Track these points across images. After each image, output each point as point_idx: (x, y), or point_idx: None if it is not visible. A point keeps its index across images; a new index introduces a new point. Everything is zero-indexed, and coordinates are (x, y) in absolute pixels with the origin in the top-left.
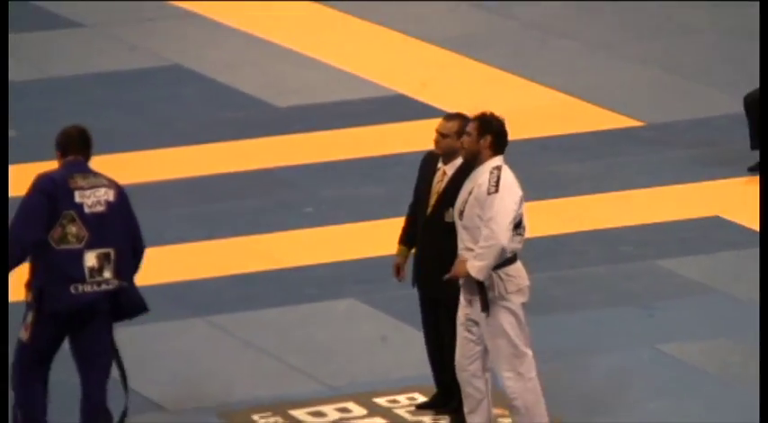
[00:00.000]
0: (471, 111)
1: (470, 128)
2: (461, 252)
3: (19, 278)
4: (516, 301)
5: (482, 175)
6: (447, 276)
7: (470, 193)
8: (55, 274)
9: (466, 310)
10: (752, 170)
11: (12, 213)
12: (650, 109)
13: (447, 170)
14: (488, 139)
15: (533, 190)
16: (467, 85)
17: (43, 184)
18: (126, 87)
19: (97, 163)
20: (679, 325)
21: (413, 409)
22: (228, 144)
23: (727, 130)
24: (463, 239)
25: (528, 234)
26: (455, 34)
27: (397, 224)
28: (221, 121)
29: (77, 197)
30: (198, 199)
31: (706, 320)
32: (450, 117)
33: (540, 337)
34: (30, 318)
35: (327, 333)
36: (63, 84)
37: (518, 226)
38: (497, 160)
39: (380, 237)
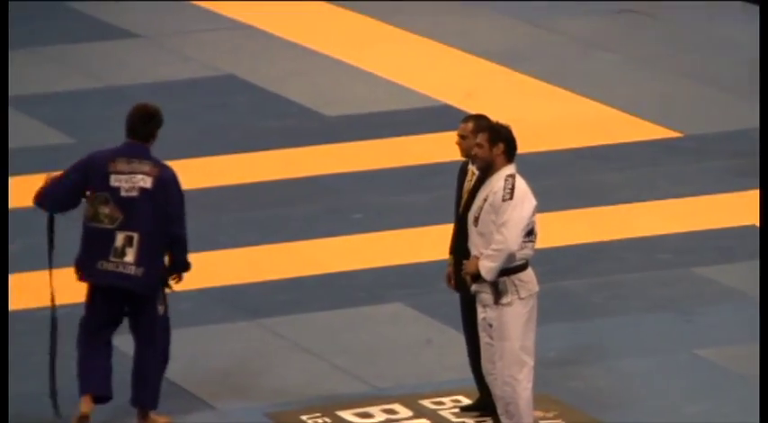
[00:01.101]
0: (514, 121)
1: (481, 139)
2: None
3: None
4: (527, 305)
5: (497, 182)
6: (462, 273)
7: (485, 199)
8: (85, 248)
9: (482, 314)
10: None
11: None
12: (689, 120)
13: (476, 170)
14: (500, 147)
15: (573, 198)
16: (510, 96)
17: (81, 162)
18: (180, 96)
19: None
20: (716, 330)
21: (457, 411)
22: (278, 152)
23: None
24: (477, 245)
25: (568, 241)
26: (499, 47)
27: (441, 231)
28: (272, 129)
29: (113, 181)
30: (249, 205)
31: (742, 326)
32: (465, 118)
33: (579, 342)
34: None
35: (374, 336)
36: (120, 93)
37: (530, 234)
38: (510, 168)
39: (425, 243)
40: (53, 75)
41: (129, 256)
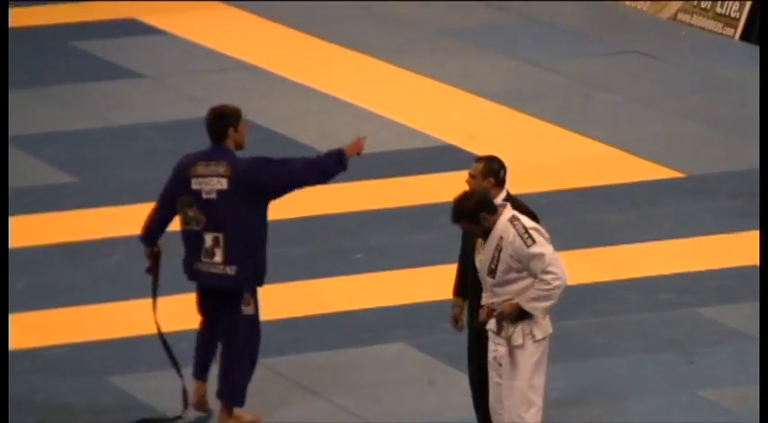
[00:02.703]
0: (516, 162)
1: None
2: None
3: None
4: (540, 347)
5: (505, 231)
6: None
7: (499, 250)
8: (185, 250)
9: (493, 352)
10: None
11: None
12: (691, 161)
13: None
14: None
15: (576, 238)
16: (513, 137)
17: (175, 166)
18: (185, 137)
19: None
20: (718, 371)
21: None
22: None
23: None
24: (498, 294)
25: (570, 281)
26: (503, 88)
27: (444, 271)
28: None
29: (194, 184)
30: None
31: (744, 367)
32: (477, 159)
33: (581, 382)
34: None
35: (377, 375)
36: (124, 132)
37: None
38: (509, 210)
39: (428, 283)
40: (57, 114)
41: (218, 256)
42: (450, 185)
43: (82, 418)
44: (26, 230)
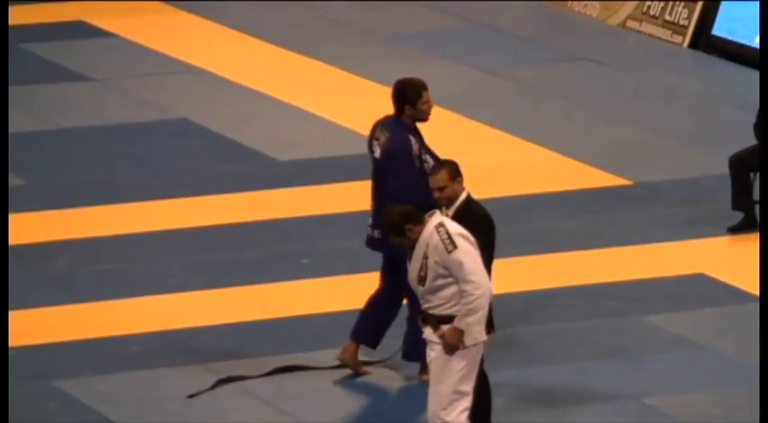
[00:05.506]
0: (465, 167)
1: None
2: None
3: None
4: (468, 354)
5: (431, 238)
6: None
7: (426, 257)
8: None
9: (429, 357)
10: (732, 231)
11: None
12: (639, 168)
13: (449, 213)
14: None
15: (523, 245)
16: (462, 143)
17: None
18: (133, 140)
19: (104, 213)
20: (664, 379)
21: None
22: (231, 196)
23: (712, 189)
24: (430, 300)
25: (517, 288)
26: (452, 93)
27: None
28: (224, 173)
29: (374, 145)
30: (200, 249)
31: (690, 375)
32: (434, 172)
33: (528, 390)
34: None
35: (322, 381)
36: (72, 135)
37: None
38: (437, 217)
39: (375, 288)
40: None
41: (371, 219)
42: None
43: None
44: None
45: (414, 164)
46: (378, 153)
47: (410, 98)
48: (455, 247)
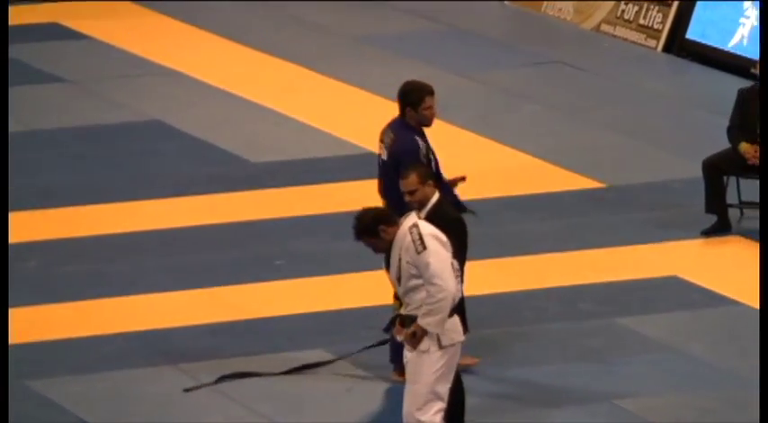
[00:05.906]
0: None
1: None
2: (409, 314)
3: None
4: (445, 355)
5: (403, 238)
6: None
7: (400, 258)
8: None
9: (405, 358)
10: (705, 234)
11: None
12: (612, 171)
13: (421, 216)
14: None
15: (497, 247)
16: (435, 145)
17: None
18: (107, 141)
19: (77, 214)
20: (636, 381)
21: None
22: (204, 198)
23: (685, 193)
24: (408, 303)
25: (490, 290)
26: None
27: (365, 278)
28: (198, 175)
29: (381, 148)
30: (174, 250)
31: (662, 377)
32: (404, 176)
33: (499, 392)
34: None
35: (295, 382)
36: (45, 137)
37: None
38: (412, 218)
39: (349, 290)
40: None
41: None
42: (371, 193)
43: None
44: None
45: (422, 164)
46: (385, 155)
47: (412, 101)
48: (424, 247)
